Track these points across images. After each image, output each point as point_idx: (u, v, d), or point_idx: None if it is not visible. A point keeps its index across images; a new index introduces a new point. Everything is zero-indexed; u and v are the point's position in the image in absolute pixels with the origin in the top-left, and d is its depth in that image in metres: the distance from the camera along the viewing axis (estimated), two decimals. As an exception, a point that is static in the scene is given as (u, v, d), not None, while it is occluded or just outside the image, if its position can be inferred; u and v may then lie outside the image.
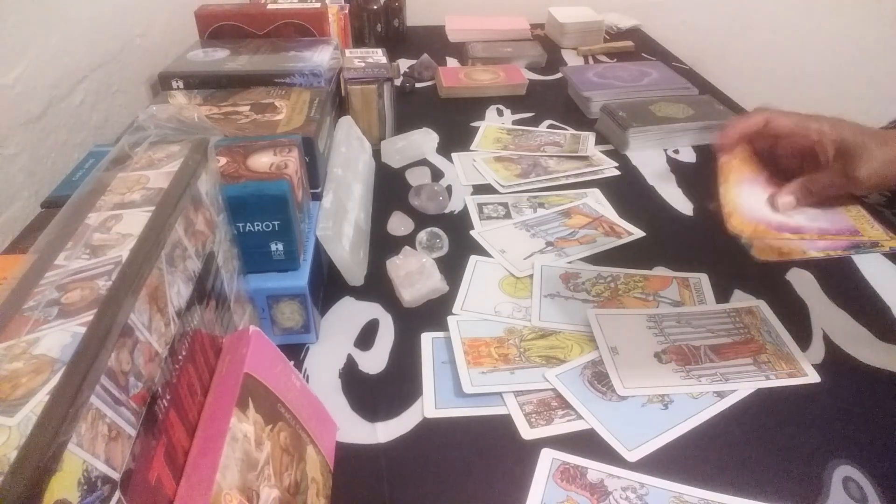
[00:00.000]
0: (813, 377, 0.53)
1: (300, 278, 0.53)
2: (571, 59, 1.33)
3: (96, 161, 0.43)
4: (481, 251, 0.69)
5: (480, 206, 0.78)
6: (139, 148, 0.39)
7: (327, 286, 0.63)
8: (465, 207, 0.78)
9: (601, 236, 0.72)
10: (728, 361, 0.54)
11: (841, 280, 0.65)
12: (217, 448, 0.31)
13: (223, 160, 0.52)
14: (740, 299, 0.62)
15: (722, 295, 0.62)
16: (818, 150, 0.51)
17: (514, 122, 1.01)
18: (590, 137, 0.93)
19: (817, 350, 0.56)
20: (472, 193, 0.81)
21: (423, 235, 0.70)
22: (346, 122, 0.81)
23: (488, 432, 0.48)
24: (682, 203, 0.79)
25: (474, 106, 1.06)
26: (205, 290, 0.38)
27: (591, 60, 1.32)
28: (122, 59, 0.87)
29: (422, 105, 1.09)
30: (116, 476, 0.25)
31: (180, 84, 0.78)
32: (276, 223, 0.51)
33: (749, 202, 0.77)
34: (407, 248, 0.66)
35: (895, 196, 0.86)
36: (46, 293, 0.28)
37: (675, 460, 0.46)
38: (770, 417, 0.49)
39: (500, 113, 1.05)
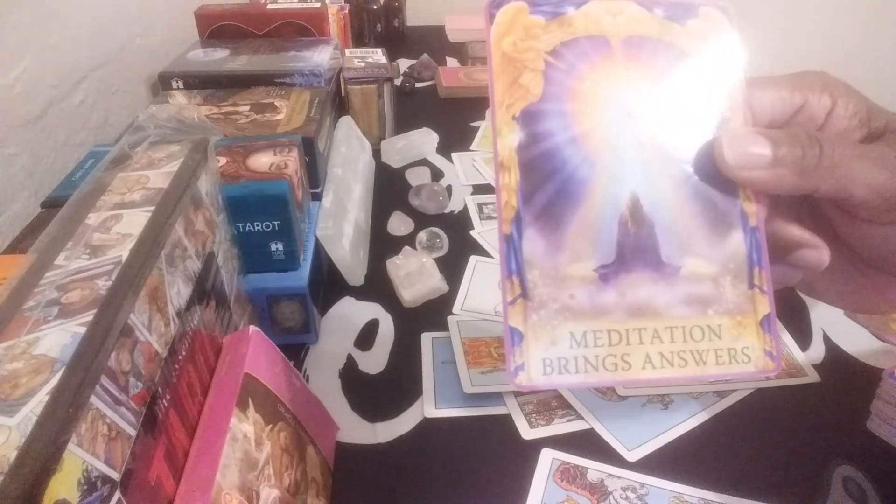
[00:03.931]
0: (813, 377, 0.53)
1: (300, 278, 0.53)
2: (571, 59, 1.33)
3: (96, 161, 0.44)
4: (481, 251, 0.69)
5: (480, 206, 0.78)
6: (139, 148, 0.39)
7: (327, 286, 0.63)
8: (465, 207, 0.78)
9: (601, 236, 0.71)
10: (728, 361, 0.54)
11: (841, 280, 0.65)
12: (217, 448, 0.31)
13: (223, 160, 0.52)
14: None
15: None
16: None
17: (514, 122, 1.01)
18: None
19: (817, 350, 0.56)
20: (472, 193, 0.81)
21: (423, 235, 0.70)
22: (346, 122, 0.81)
23: (488, 432, 0.48)
24: (682, 203, 0.79)
25: (474, 106, 1.06)
26: (205, 290, 0.38)
27: (591, 60, 1.32)
28: (122, 59, 0.87)
29: (422, 105, 1.09)
30: (116, 476, 0.25)
31: (180, 84, 0.78)
32: (276, 223, 0.51)
33: None
34: (407, 248, 0.66)
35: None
36: (46, 293, 0.28)
37: (675, 460, 0.46)
38: (770, 417, 0.49)
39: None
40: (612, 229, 0.27)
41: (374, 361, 0.55)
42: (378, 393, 0.52)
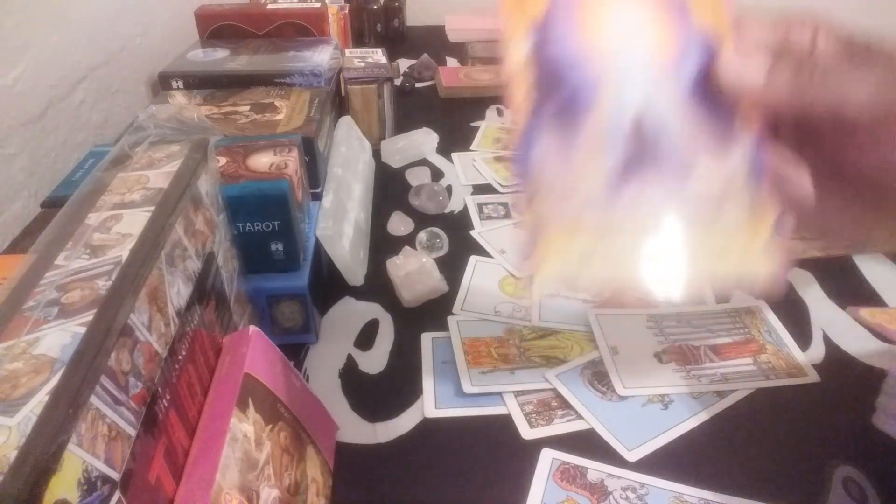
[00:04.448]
0: (813, 377, 0.53)
1: (300, 278, 0.53)
2: (571, 59, 1.33)
3: (96, 161, 0.43)
4: (481, 251, 0.69)
5: (480, 206, 0.78)
6: (139, 148, 0.39)
7: (327, 286, 0.63)
8: (465, 207, 0.78)
9: (601, 236, 0.71)
10: (728, 361, 0.54)
11: (841, 280, 0.65)
12: (217, 448, 0.31)
13: (223, 160, 0.52)
14: (740, 299, 0.62)
15: (722, 295, 0.62)
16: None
17: (514, 122, 1.01)
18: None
19: (817, 350, 0.56)
20: (472, 193, 0.81)
21: (423, 235, 0.70)
22: (346, 122, 0.81)
23: (488, 432, 0.48)
24: (682, 203, 0.79)
25: (474, 106, 1.06)
26: (205, 290, 0.38)
27: (591, 60, 1.32)
28: (122, 59, 0.87)
29: (422, 105, 1.09)
30: (116, 476, 0.25)
31: (180, 84, 0.78)
32: (276, 223, 0.51)
33: None
34: (407, 248, 0.66)
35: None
36: (46, 293, 0.28)
37: (675, 460, 0.46)
38: (770, 417, 0.49)
39: (500, 113, 1.05)
40: (619, 140, 0.27)
41: (374, 361, 0.55)
42: (378, 393, 0.52)
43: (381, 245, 0.70)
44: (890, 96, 0.28)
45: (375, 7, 1.36)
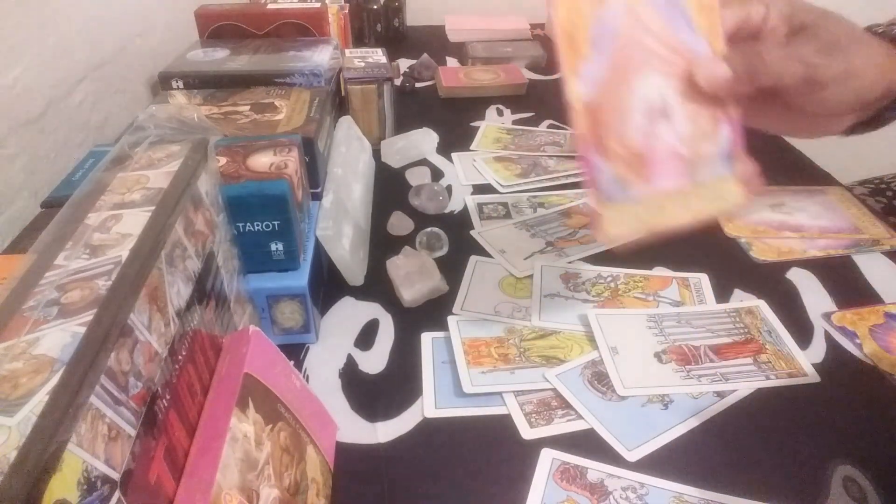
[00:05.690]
0: (813, 377, 0.53)
1: (300, 278, 0.53)
2: (571, 59, 1.33)
3: (96, 161, 0.44)
4: (481, 251, 0.69)
5: (480, 206, 0.78)
6: (139, 148, 0.39)
7: (327, 286, 0.63)
8: (465, 207, 0.78)
9: (601, 236, 0.71)
10: (728, 361, 0.54)
11: (841, 280, 0.65)
12: (217, 448, 0.32)
13: (223, 160, 0.52)
14: (740, 299, 0.62)
15: (722, 295, 0.62)
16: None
17: (514, 122, 1.01)
18: (590, 137, 0.93)
19: (817, 350, 0.56)
20: (472, 193, 0.81)
21: (423, 235, 0.70)
22: (346, 122, 0.81)
23: (488, 432, 0.48)
24: (682, 203, 0.79)
25: (474, 106, 1.06)
26: (205, 290, 0.39)
27: (591, 60, 1.32)
28: (122, 59, 0.87)
29: (422, 105, 1.09)
30: (116, 476, 0.25)
31: (180, 84, 0.78)
32: (276, 223, 0.51)
33: None
34: (407, 248, 0.66)
35: (891, 200, 0.86)
36: (46, 293, 0.28)
37: (675, 460, 0.46)
38: (770, 417, 0.49)
39: (500, 113, 1.05)
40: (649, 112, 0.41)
41: (374, 361, 0.55)
42: (378, 393, 0.52)
43: (381, 245, 0.70)
44: (819, 68, 0.41)
45: (375, 7, 1.36)
